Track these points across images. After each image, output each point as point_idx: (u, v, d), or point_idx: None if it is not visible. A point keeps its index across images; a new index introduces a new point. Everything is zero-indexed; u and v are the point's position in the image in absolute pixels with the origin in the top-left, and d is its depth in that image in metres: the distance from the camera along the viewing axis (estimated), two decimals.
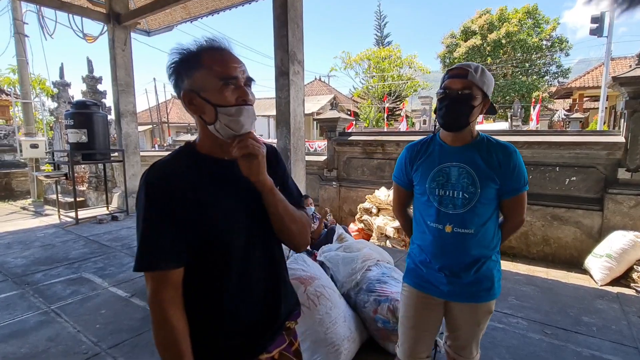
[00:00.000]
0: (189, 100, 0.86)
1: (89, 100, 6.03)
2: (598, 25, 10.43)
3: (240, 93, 0.84)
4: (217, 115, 0.83)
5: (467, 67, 1.23)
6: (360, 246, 2.64)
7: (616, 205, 3.86)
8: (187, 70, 0.85)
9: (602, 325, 2.48)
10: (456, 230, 1.29)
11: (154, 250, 0.81)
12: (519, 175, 1.27)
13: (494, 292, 1.33)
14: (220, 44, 0.86)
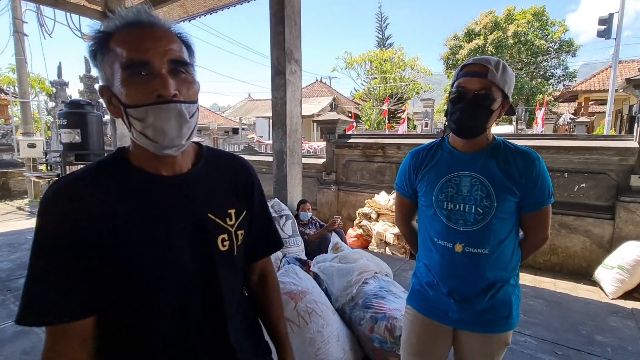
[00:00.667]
0: (107, 98, 0.64)
1: (83, 100, 5.91)
2: (606, 27, 10.23)
3: (155, 85, 0.59)
4: (129, 119, 0.62)
5: (486, 64, 1.03)
6: (357, 257, 2.47)
7: (629, 214, 3.67)
8: (98, 58, 0.63)
9: (617, 346, 2.30)
10: (468, 249, 1.10)
11: (43, 300, 0.59)
12: (542, 186, 1.08)
13: (512, 322, 1.14)
14: (136, 17, 0.62)
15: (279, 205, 3.61)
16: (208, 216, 0.71)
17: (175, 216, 0.67)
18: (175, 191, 0.68)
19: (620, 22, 10.14)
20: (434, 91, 27.95)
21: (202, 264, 0.69)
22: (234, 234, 0.74)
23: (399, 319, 1.91)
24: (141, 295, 0.64)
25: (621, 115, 14.40)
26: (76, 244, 0.59)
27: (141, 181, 0.66)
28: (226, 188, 0.77)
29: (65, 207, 0.60)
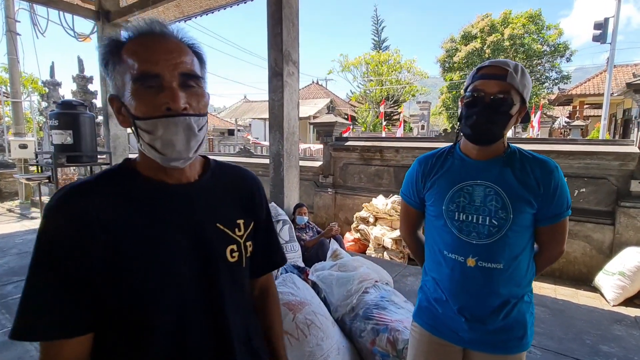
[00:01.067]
0: (117, 108, 0.64)
1: (75, 100, 5.78)
2: (601, 31, 10.30)
3: (165, 98, 0.59)
4: (137, 130, 0.61)
5: (505, 66, 0.96)
6: (357, 264, 2.39)
7: (629, 219, 3.64)
8: (110, 67, 0.62)
9: (623, 356, 2.24)
10: (481, 264, 1.03)
11: (37, 314, 0.57)
12: (561, 197, 1.02)
13: (526, 342, 1.07)
14: (147, 29, 0.61)
15: (276, 209, 3.53)
16: (217, 226, 0.70)
17: (182, 225, 0.65)
18: (182, 200, 0.67)
19: (616, 26, 10.22)
20: (429, 94, 28.05)
21: (205, 275, 0.67)
22: (242, 245, 0.73)
23: (401, 330, 1.84)
24: (139, 307, 0.61)
25: (615, 119, 14.52)
26: (77, 254, 0.58)
27: (147, 189, 0.65)
28: (233, 199, 0.76)
29: (68, 217, 0.58)
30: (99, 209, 0.60)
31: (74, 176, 8.70)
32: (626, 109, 12.94)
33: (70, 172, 8.71)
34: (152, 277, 0.61)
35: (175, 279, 0.63)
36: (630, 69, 14.16)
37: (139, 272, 0.60)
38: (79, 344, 0.59)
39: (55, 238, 0.58)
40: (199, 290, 0.66)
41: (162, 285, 0.62)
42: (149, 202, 0.64)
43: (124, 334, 0.62)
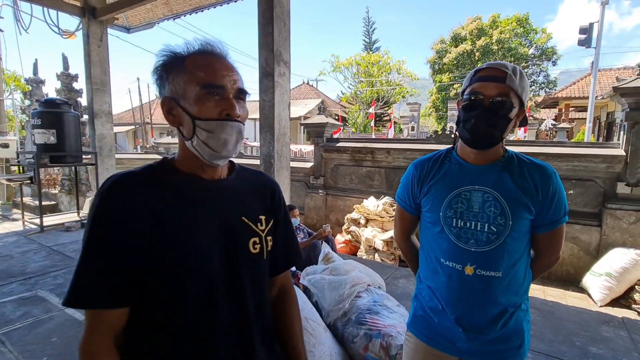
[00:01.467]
0: (168, 109, 0.74)
1: (59, 99, 5.62)
2: (586, 36, 10.53)
3: (225, 105, 0.71)
4: (195, 129, 0.71)
5: (504, 68, 0.94)
6: (349, 268, 2.36)
7: (615, 220, 3.70)
8: (168, 74, 0.73)
9: (611, 358, 2.27)
10: (479, 272, 1.00)
11: (88, 285, 0.66)
12: (559, 203, 1.00)
13: (524, 351, 1.05)
14: (212, 48, 0.74)
15: None
16: (242, 219, 0.78)
17: (215, 215, 0.75)
18: (214, 194, 0.77)
19: (600, 31, 10.46)
20: (419, 95, 28.26)
21: (230, 261, 0.75)
22: (264, 239, 0.81)
23: (394, 336, 1.82)
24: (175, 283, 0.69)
25: (599, 121, 14.88)
26: (127, 234, 0.66)
27: (186, 182, 0.75)
28: (256, 197, 0.85)
29: (120, 201, 0.67)
30: (146, 195, 0.69)
31: (57, 177, 8.47)
32: (609, 112, 13.27)
33: (54, 173, 8.48)
34: (188, 257, 0.70)
35: (207, 261, 0.72)
36: (613, 72, 14.52)
37: (177, 252, 0.69)
38: (120, 314, 0.68)
39: (108, 218, 0.66)
40: (225, 272, 0.74)
41: (196, 265, 0.71)
42: (187, 194, 0.74)
43: (160, 307, 0.70)
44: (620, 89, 3.53)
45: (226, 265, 0.74)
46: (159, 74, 0.74)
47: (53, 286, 3.28)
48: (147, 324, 0.70)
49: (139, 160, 7.90)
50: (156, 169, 0.76)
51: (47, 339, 2.45)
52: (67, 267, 3.74)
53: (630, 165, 3.66)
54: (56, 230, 5.18)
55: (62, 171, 8.22)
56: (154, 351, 0.70)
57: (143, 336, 0.70)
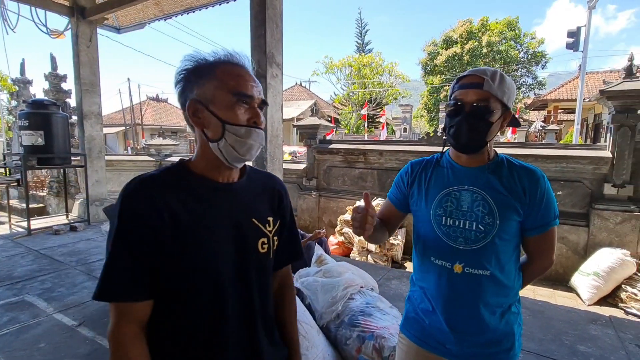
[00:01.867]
0: (194, 111, 0.78)
1: (47, 100, 5.52)
2: (574, 39, 10.75)
3: (252, 114, 0.78)
4: (224, 132, 0.77)
5: (482, 74, 0.98)
6: (342, 270, 2.37)
7: (602, 221, 3.78)
8: (197, 78, 0.77)
9: (599, 356, 2.31)
10: (468, 270, 1.02)
11: (120, 279, 0.72)
12: (548, 206, 1.02)
13: (514, 354, 1.06)
14: (239, 60, 0.80)
15: None
16: (252, 220, 0.84)
17: (227, 216, 0.80)
18: (228, 195, 0.82)
19: (587, 35, 10.69)
20: (411, 97, 28.50)
21: (240, 259, 0.81)
22: (271, 239, 0.87)
23: (387, 337, 1.82)
24: (191, 278, 0.76)
25: (587, 123, 15.17)
26: (149, 232, 0.72)
27: (202, 184, 0.80)
28: (264, 200, 0.90)
29: (143, 202, 0.73)
30: (167, 197, 0.75)
31: (45, 179, 8.31)
32: (597, 114, 13.55)
33: (42, 175, 8.33)
34: (202, 256, 0.76)
35: (219, 259, 0.78)
36: (600, 75, 14.83)
37: (193, 251, 0.75)
38: (146, 306, 0.74)
39: (135, 217, 0.72)
40: (235, 269, 0.80)
41: (209, 263, 0.77)
42: (202, 196, 0.79)
43: (177, 299, 0.76)
44: (607, 92, 3.60)
45: (236, 263, 0.80)
46: (187, 78, 0.78)
47: (41, 291, 3.22)
48: (167, 313, 0.77)
49: (129, 162, 7.80)
50: (173, 171, 0.81)
51: (34, 345, 2.40)
52: (56, 272, 3.67)
53: (616, 166, 3.75)
54: (44, 234, 5.08)
55: (50, 173, 8.08)
56: (173, 336, 0.77)
57: (163, 324, 0.77)
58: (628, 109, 3.67)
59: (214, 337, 0.78)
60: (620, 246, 3.64)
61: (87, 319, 2.73)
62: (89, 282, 3.41)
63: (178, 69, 0.80)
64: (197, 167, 0.82)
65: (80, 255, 4.21)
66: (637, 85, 3.57)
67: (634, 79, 3.70)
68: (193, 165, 0.82)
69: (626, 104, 3.64)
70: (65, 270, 3.72)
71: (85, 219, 5.60)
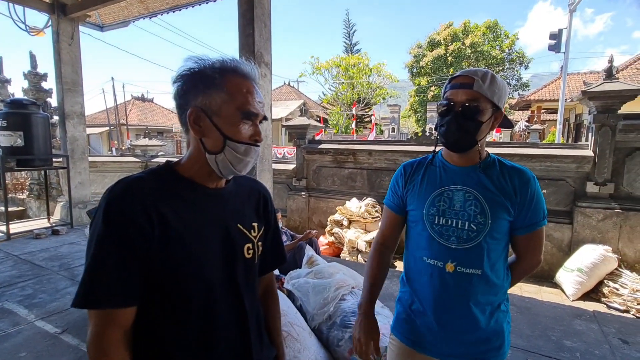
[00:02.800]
0: (196, 119, 0.76)
1: (26, 99, 5.34)
2: (556, 41, 11.04)
3: (255, 132, 0.79)
4: (224, 147, 0.76)
5: (472, 75, 0.99)
6: (333, 271, 2.36)
7: (585, 218, 3.88)
8: (205, 86, 0.75)
9: (585, 350, 2.36)
10: (460, 269, 1.03)
11: (102, 285, 0.68)
12: (537, 206, 1.03)
13: (504, 352, 1.08)
14: (248, 72, 0.78)
15: None
16: (238, 226, 0.84)
17: (216, 222, 0.80)
18: (217, 201, 0.82)
19: (569, 37, 10.98)
20: (399, 97, 28.74)
21: (228, 264, 0.80)
22: (256, 244, 0.87)
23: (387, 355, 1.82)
24: (181, 283, 0.74)
25: (568, 123, 15.59)
26: (137, 235, 0.69)
27: (191, 189, 0.79)
28: (250, 205, 0.90)
29: (131, 204, 0.70)
30: (156, 201, 0.72)
31: (25, 181, 8.04)
32: (578, 114, 13.93)
33: (22, 177, 8.05)
34: (194, 262, 0.74)
35: (208, 265, 0.77)
36: (581, 76, 15.26)
37: (184, 256, 0.73)
38: (130, 313, 0.71)
39: (122, 219, 0.69)
40: (224, 275, 0.79)
41: (198, 269, 0.75)
42: (192, 202, 0.78)
43: (166, 304, 0.74)
44: (588, 92, 3.70)
45: (224, 268, 0.80)
46: (192, 81, 0.76)
47: (21, 297, 3.11)
48: (156, 319, 0.75)
49: (114, 162, 7.62)
50: (161, 174, 0.79)
51: (15, 355, 2.31)
52: (36, 277, 3.55)
53: (598, 165, 3.85)
54: (24, 238, 4.91)
55: (30, 175, 7.82)
56: (163, 341, 0.75)
57: (152, 329, 0.75)
58: (608, 109, 3.78)
59: (206, 341, 0.77)
60: (602, 243, 3.74)
61: (70, 326, 2.65)
62: (72, 288, 3.31)
63: (181, 68, 0.77)
64: (187, 171, 0.80)
65: (63, 260, 4.08)
66: (617, 86, 3.69)
67: (614, 80, 3.81)
68: (182, 168, 0.80)
69: (607, 104, 3.74)
70: (47, 276, 3.60)
71: (68, 222, 5.44)
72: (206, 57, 0.77)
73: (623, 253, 3.79)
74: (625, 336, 2.55)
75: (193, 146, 0.79)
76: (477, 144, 1.04)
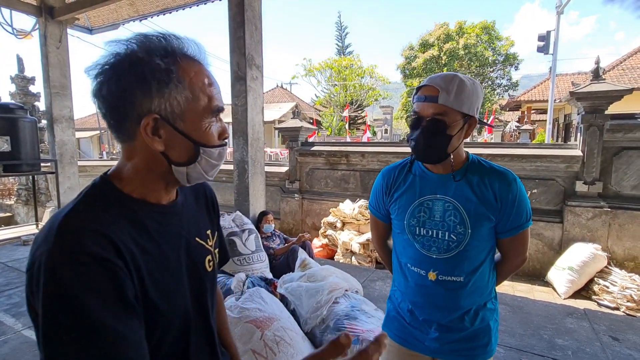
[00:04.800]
0: (154, 129, 0.59)
1: (13, 103, 5.25)
2: (544, 43, 11.21)
3: (223, 129, 0.66)
4: (198, 156, 0.63)
5: (437, 86, 0.95)
6: (326, 274, 2.35)
7: (575, 217, 3.92)
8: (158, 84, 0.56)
9: (576, 348, 2.38)
10: (441, 277, 1.04)
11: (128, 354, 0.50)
12: (520, 209, 1.02)
13: (491, 349, 1.09)
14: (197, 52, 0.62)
15: (241, 218, 3.40)
16: (196, 239, 0.73)
17: (178, 241, 0.68)
18: (174, 219, 0.69)
19: (557, 39, 11.16)
20: (392, 98, 28.90)
21: (196, 284, 0.71)
22: (214, 254, 0.78)
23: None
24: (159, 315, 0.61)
25: (558, 123, 15.82)
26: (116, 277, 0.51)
27: (147, 212, 0.63)
28: (201, 212, 0.80)
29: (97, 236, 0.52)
30: (118, 234, 0.55)
31: (13, 186, 7.90)
32: (567, 115, 14.15)
33: (9, 182, 7.90)
34: (168, 289, 0.63)
35: (182, 289, 0.67)
36: (569, 77, 15.52)
37: (158, 287, 0.60)
38: None
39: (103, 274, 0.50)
40: (194, 297, 0.70)
41: (175, 295, 0.65)
42: (152, 227, 0.63)
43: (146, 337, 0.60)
44: (576, 93, 3.76)
45: (193, 289, 0.70)
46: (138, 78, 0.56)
47: (8, 306, 3.04)
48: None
49: (104, 167, 7.51)
50: (107, 197, 0.61)
51: None
52: (24, 285, 3.48)
53: (586, 165, 3.90)
54: (12, 245, 4.81)
55: (18, 180, 7.68)
56: None
57: None
58: (596, 110, 3.84)
59: None
60: (592, 241, 3.79)
61: None
62: None
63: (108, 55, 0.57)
64: (135, 189, 0.63)
65: None
66: (604, 87, 3.75)
67: (601, 81, 3.87)
68: (128, 187, 0.62)
69: (594, 104, 3.80)
70: None
71: None
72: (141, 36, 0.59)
73: (612, 251, 3.84)
74: (616, 333, 2.58)
75: (140, 159, 0.62)
76: (450, 156, 1.01)
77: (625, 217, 3.79)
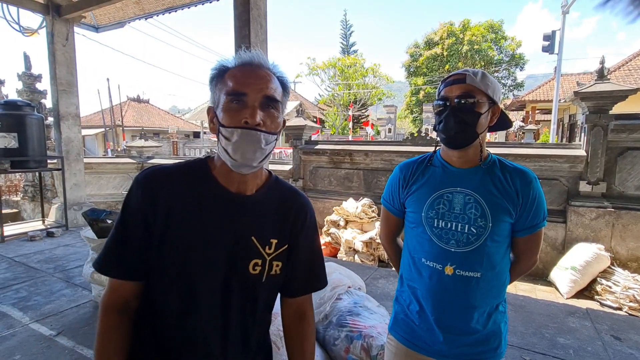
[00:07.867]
0: (210, 117, 0.79)
1: (20, 100, 5.31)
2: (550, 42, 11.14)
3: (245, 113, 0.71)
4: (219, 136, 0.75)
5: (464, 72, 1.00)
6: (329, 270, 2.37)
7: (578, 217, 3.92)
8: (214, 85, 0.77)
9: (578, 347, 2.39)
10: (459, 272, 1.02)
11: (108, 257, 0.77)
12: (538, 208, 1.02)
13: (501, 352, 1.08)
14: (250, 59, 0.75)
15: None
16: (252, 239, 0.79)
17: (228, 230, 0.77)
18: (236, 209, 0.78)
19: (562, 38, 11.10)
20: (395, 97, 28.85)
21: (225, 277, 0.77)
22: (268, 263, 0.81)
23: (375, 337, 1.84)
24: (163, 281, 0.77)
25: (562, 123, 15.73)
26: (142, 219, 0.75)
27: (213, 192, 0.78)
28: (275, 219, 0.84)
29: (144, 191, 0.75)
30: (169, 192, 0.76)
31: (19, 183, 7.98)
32: (571, 115, 14.06)
33: (16, 179, 7.99)
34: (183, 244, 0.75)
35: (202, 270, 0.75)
36: (574, 77, 15.42)
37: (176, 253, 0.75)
38: (130, 287, 0.77)
39: (130, 204, 0.76)
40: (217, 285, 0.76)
41: (189, 270, 0.75)
42: (209, 203, 0.77)
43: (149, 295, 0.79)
44: (581, 93, 3.75)
45: (223, 280, 0.77)
46: (211, 85, 0.79)
47: (16, 300, 3.09)
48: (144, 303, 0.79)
49: (109, 164, 7.58)
50: (194, 169, 0.81)
51: (9, 357, 2.30)
52: (31, 279, 3.53)
53: (590, 165, 3.90)
54: (18, 240, 4.88)
55: (24, 177, 7.76)
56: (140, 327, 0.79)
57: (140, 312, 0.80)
58: (600, 110, 3.83)
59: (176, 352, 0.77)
60: (595, 241, 3.79)
61: (65, 328, 2.63)
62: (67, 290, 3.29)
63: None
64: (214, 168, 0.81)
65: (58, 262, 4.06)
66: (609, 87, 3.74)
67: (606, 80, 3.86)
68: (213, 165, 0.81)
69: (598, 104, 3.79)
70: (41, 278, 3.58)
71: (63, 224, 5.41)
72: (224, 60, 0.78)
73: (615, 251, 3.84)
74: (618, 333, 2.58)
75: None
76: (478, 137, 1.02)
77: (628, 217, 3.78)
